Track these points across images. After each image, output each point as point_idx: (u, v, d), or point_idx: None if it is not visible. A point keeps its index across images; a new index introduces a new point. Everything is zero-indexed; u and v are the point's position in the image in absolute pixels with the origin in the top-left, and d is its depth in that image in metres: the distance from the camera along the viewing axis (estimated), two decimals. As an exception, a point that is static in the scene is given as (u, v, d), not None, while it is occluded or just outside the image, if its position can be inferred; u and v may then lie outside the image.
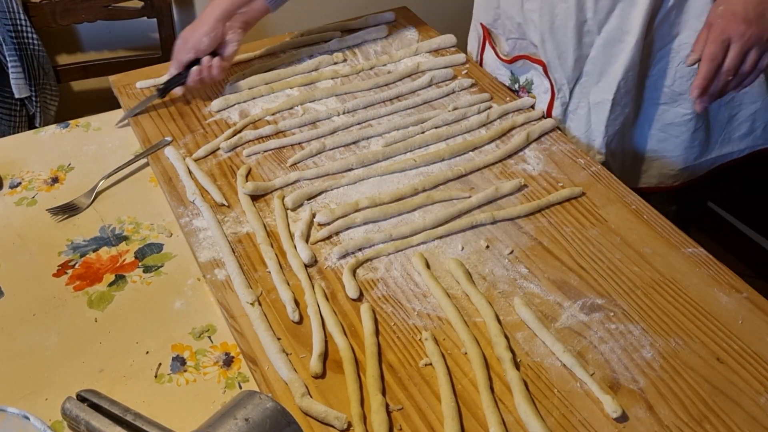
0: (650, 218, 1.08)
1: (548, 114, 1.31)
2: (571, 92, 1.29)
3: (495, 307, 0.95)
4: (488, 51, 1.41)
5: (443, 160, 1.19)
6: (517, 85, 1.34)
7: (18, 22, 1.74)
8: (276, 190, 1.14)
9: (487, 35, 1.40)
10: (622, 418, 0.82)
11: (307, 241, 1.04)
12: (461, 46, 1.50)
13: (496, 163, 1.19)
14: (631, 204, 1.11)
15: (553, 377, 0.87)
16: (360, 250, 1.03)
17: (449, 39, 1.48)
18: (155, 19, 1.92)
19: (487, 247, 1.04)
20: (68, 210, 1.12)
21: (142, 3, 1.89)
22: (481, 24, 1.41)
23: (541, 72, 1.30)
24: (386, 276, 1.00)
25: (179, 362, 0.90)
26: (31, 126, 1.87)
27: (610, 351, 0.90)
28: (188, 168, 1.17)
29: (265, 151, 1.21)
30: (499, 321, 0.93)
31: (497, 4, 1.33)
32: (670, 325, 0.93)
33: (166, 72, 1.38)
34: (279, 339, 0.91)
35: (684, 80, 1.21)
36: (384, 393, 0.85)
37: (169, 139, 1.23)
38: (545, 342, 0.90)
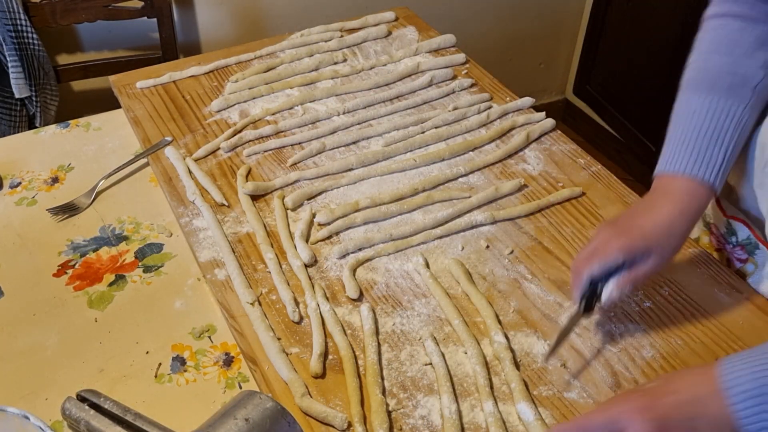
0: (650, 218, 1.08)
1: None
2: None
3: (495, 307, 0.95)
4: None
5: (443, 160, 1.19)
6: (734, 239, 1.04)
7: (18, 22, 1.74)
8: (276, 190, 1.14)
9: None
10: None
11: (307, 241, 1.04)
12: (461, 46, 1.50)
13: (496, 163, 1.19)
14: (631, 204, 1.11)
15: (554, 377, 0.87)
16: (360, 250, 1.03)
17: (449, 39, 1.48)
18: (155, 19, 1.92)
19: (487, 247, 1.04)
20: (68, 210, 1.12)
21: (142, 3, 1.89)
22: None
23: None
24: (386, 276, 1.00)
25: (179, 362, 0.90)
26: (31, 126, 1.86)
27: (610, 351, 0.90)
28: (188, 168, 1.17)
29: (265, 151, 1.21)
30: (499, 321, 0.93)
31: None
32: (669, 326, 0.93)
33: (166, 72, 1.38)
34: (279, 339, 0.91)
35: None
36: (384, 393, 0.85)
37: (169, 139, 1.23)
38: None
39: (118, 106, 1.34)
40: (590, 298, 0.85)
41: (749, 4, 0.92)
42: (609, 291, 0.85)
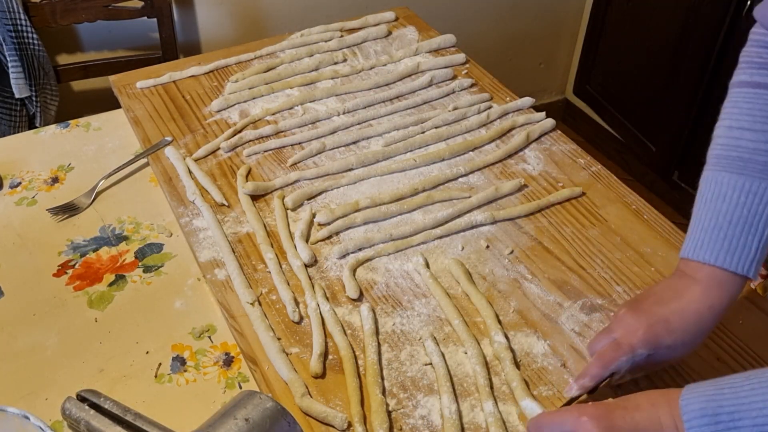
0: (650, 218, 1.08)
1: None
2: None
3: (495, 307, 0.95)
4: None
5: (443, 160, 1.19)
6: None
7: (18, 22, 1.74)
8: (276, 190, 1.14)
9: None
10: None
11: (307, 241, 1.04)
12: (461, 46, 1.50)
13: (496, 163, 1.19)
14: (631, 204, 1.11)
15: (554, 377, 0.87)
16: (360, 250, 1.03)
17: (449, 39, 1.48)
18: (155, 19, 1.92)
19: (487, 247, 1.04)
20: (68, 210, 1.12)
21: (142, 3, 1.89)
22: None
23: None
24: (386, 276, 1.00)
25: (179, 362, 0.90)
26: (31, 126, 1.86)
27: (610, 351, 0.90)
28: (188, 168, 1.17)
29: (265, 151, 1.21)
30: (499, 321, 0.93)
31: None
32: (670, 325, 0.92)
33: (166, 72, 1.38)
34: (279, 339, 0.91)
35: None
36: (384, 393, 0.85)
37: (169, 139, 1.23)
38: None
39: (118, 106, 1.34)
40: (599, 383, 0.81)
41: None
42: (621, 376, 0.81)
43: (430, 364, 0.88)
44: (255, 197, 1.12)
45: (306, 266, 1.01)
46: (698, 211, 0.83)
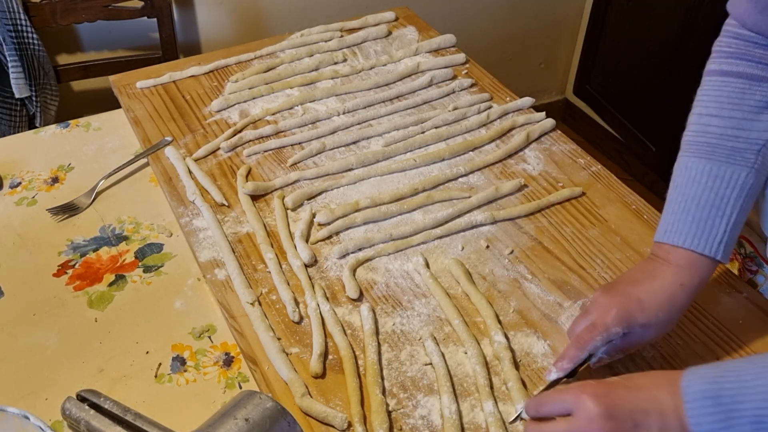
0: (650, 218, 1.08)
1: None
2: None
3: (495, 307, 0.95)
4: None
5: (443, 160, 1.19)
6: (743, 251, 1.05)
7: (18, 22, 1.74)
8: (276, 190, 1.14)
9: None
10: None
11: (307, 241, 1.04)
12: (461, 46, 1.50)
13: (496, 163, 1.19)
14: (631, 204, 1.11)
15: (553, 377, 0.87)
16: (360, 249, 1.03)
17: (449, 39, 1.48)
18: (155, 19, 1.92)
19: (487, 247, 1.04)
20: (68, 210, 1.12)
21: (142, 3, 1.89)
22: None
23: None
24: (386, 276, 1.00)
25: (179, 362, 0.90)
26: (31, 126, 1.86)
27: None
28: (188, 168, 1.17)
29: (265, 151, 1.21)
30: (499, 321, 0.93)
31: None
32: (670, 325, 0.93)
33: (166, 72, 1.38)
34: (279, 339, 0.91)
35: None
36: (384, 393, 0.85)
37: (169, 139, 1.23)
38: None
39: (118, 106, 1.34)
40: (578, 365, 0.82)
41: (754, 62, 0.86)
42: (599, 357, 0.82)
43: (430, 364, 0.88)
44: (255, 197, 1.12)
45: (306, 266, 1.01)
46: (670, 195, 0.86)
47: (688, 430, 0.64)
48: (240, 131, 1.25)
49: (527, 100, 1.32)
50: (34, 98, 1.82)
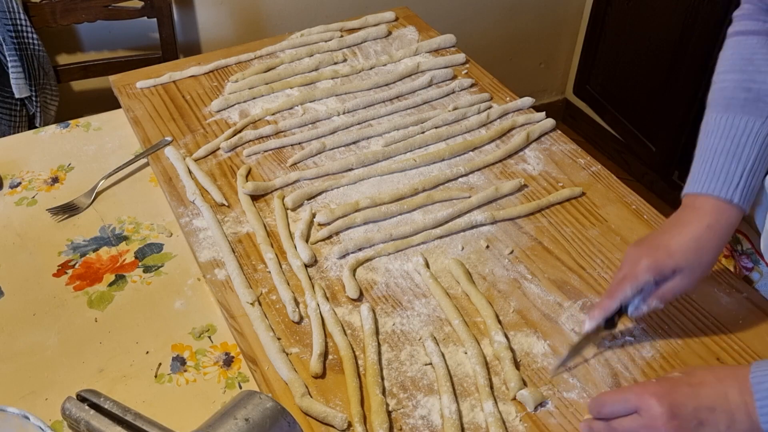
0: (650, 218, 1.08)
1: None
2: None
3: (495, 307, 0.95)
4: None
5: (443, 160, 1.19)
6: (740, 247, 1.07)
7: (18, 22, 1.74)
8: (276, 190, 1.14)
9: None
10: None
11: (307, 241, 1.04)
12: (461, 46, 1.50)
13: (496, 163, 1.19)
14: (631, 204, 1.11)
15: (554, 377, 0.87)
16: (360, 249, 1.03)
17: (449, 39, 1.48)
18: (155, 19, 1.92)
19: (487, 247, 1.04)
20: (68, 210, 1.12)
21: (142, 3, 1.89)
22: None
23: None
24: (386, 276, 1.00)
25: (179, 362, 0.90)
26: (31, 126, 1.86)
27: (610, 350, 0.90)
28: (188, 168, 1.17)
29: (265, 151, 1.21)
30: (499, 321, 0.93)
31: None
32: (670, 325, 0.93)
33: (166, 72, 1.38)
34: (279, 339, 0.91)
35: None
36: (384, 393, 0.85)
37: (169, 139, 1.23)
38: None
39: (118, 106, 1.34)
40: (613, 316, 0.85)
41: (767, 21, 0.91)
42: (636, 306, 0.85)
43: (430, 364, 0.88)
44: (255, 197, 1.12)
45: (306, 266, 1.01)
46: (696, 152, 0.91)
47: (761, 428, 0.64)
48: (240, 131, 1.25)
49: (527, 100, 1.32)
50: (34, 98, 1.82)
